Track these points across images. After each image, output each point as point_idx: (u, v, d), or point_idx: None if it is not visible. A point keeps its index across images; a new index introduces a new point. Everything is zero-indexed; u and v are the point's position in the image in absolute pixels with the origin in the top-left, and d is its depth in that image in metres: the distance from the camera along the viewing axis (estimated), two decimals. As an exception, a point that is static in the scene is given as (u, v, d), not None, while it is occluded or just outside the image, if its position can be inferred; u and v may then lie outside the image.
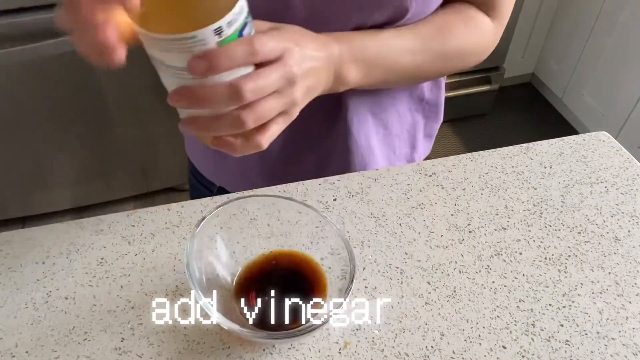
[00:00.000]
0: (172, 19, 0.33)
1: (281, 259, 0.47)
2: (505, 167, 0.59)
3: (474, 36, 0.54)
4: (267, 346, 0.43)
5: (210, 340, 0.43)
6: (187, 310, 0.45)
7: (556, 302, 0.46)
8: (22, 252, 0.50)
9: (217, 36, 0.34)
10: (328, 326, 0.44)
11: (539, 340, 0.43)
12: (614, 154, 0.60)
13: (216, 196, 0.56)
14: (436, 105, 0.66)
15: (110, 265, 0.49)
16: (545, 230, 0.52)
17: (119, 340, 0.43)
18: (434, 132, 0.70)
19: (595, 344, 0.43)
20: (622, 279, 0.48)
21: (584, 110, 1.90)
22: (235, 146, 0.39)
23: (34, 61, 1.25)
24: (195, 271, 0.40)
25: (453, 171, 0.58)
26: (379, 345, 0.43)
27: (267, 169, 0.62)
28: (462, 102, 1.98)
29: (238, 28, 0.35)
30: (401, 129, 0.64)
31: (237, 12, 0.35)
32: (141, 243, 0.51)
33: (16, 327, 0.44)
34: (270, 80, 0.37)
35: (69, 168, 1.54)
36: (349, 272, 0.41)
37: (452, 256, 0.50)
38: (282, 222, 0.47)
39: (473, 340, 0.43)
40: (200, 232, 0.42)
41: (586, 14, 1.79)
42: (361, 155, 0.60)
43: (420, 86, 0.62)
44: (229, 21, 0.34)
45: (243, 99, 0.35)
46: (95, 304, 0.46)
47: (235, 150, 0.39)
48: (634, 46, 1.61)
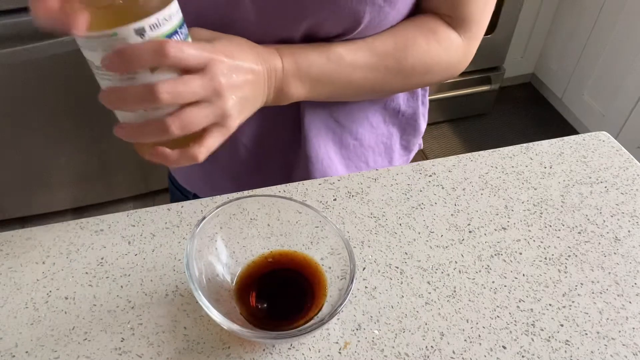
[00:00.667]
0: (96, 16, 0.33)
1: (281, 259, 0.47)
2: (505, 167, 0.59)
3: (435, 52, 0.52)
4: (267, 346, 0.43)
5: (210, 340, 0.43)
6: (187, 311, 0.45)
7: (556, 302, 0.46)
8: (22, 252, 0.50)
9: (139, 36, 0.34)
10: (328, 326, 0.44)
11: (539, 340, 0.43)
12: (614, 154, 0.60)
13: (216, 196, 0.56)
14: (413, 117, 0.64)
15: (110, 265, 0.49)
16: (545, 230, 0.52)
17: (119, 340, 0.43)
18: (413, 146, 0.69)
19: (595, 344, 0.43)
20: (622, 279, 0.48)
21: (584, 110, 1.90)
22: (170, 157, 0.39)
23: (34, 61, 1.25)
24: (195, 271, 0.40)
25: (453, 171, 0.58)
26: (379, 345, 0.43)
27: (234, 177, 0.62)
28: (462, 102, 1.98)
29: (165, 32, 0.35)
30: (375, 141, 0.63)
31: (164, 16, 0.35)
32: (141, 243, 0.51)
33: (16, 327, 0.44)
34: (190, 87, 0.37)
35: (69, 168, 1.54)
36: (349, 272, 0.41)
37: (452, 256, 0.50)
38: (282, 222, 0.47)
39: (473, 340, 0.43)
40: (200, 232, 0.42)
41: (586, 14, 1.79)
42: (321, 164, 0.60)
43: (396, 97, 0.61)
44: (153, 23, 0.34)
45: (158, 99, 0.35)
46: (95, 304, 0.46)
47: (169, 161, 0.39)
48: (634, 46, 1.61)
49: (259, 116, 0.49)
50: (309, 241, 0.47)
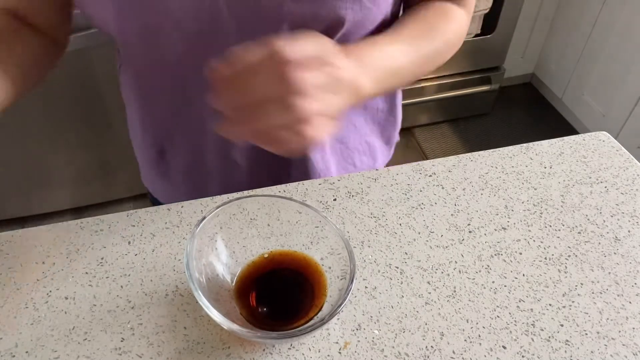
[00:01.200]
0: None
1: (281, 259, 0.47)
2: (505, 167, 0.59)
3: (454, 29, 0.55)
4: (267, 346, 0.43)
5: (210, 340, 0.43)
6: (187, 311, 0.45)
7: (556, 302, 0.46)
8: (22, 252, 0.50)
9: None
10: (328, 326, 0.44)
11: (539, 340, 0.43)
12: (613, 154, 0.60)
13: (216, 196, 0.56)
14: (392, 110, 0.65)
15: (110, 265, 0.49)
16: (545, 230, 0.52)
17: (119, 340, 0.43)
18: (394, 138, 0.69)
19: (595, 344, 0.43)
20: (622, 279, 0.48)
21: (584, 110, 1.90)
22: (284, 140, 0.36)
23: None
24: (194, 271, 0.40)
25: (453, 171, 0.58)
26: (379, 345, 0.43)
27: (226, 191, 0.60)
28: (462, 102, 1.98)
29: None
30: (360, 141, 0.64)
31: None
32: (141, 243, 0.51)
33: (16, 327, 0.44)
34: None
35: (69, 168, 1.54)
36: (348, 272, 0.41)
37: (452, 256, 0.50)
38: (281, 222, 0.47)
39: (473, 340, 0.43)
40: (200, 232, 0.42)
41: (586, 14, 1.79)
42: (318, 175, 0.61)
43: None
44: None
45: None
46: (95, 304, 0.46)
47: (285, 144, 0.37)
48: (634, 46, 1.61)
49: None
50: (309, 241, 0.47)
